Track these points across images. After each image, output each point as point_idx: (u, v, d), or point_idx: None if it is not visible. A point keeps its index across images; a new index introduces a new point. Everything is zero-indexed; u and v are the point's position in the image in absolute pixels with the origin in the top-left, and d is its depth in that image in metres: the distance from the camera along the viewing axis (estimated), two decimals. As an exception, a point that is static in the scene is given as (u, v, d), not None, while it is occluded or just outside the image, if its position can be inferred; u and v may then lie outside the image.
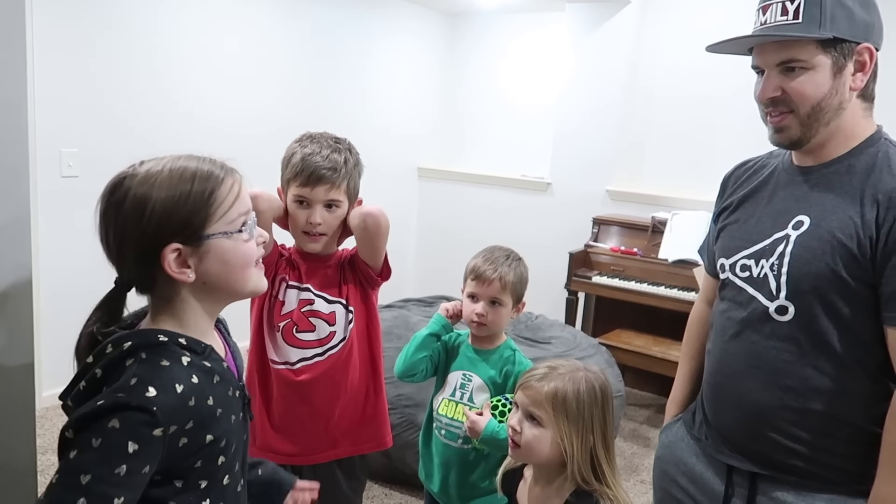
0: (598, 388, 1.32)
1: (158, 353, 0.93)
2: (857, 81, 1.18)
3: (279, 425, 1.66)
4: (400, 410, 2.64)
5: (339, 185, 1.59)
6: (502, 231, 4.64)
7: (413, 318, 3.02)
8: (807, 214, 1.21)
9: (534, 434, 1.29)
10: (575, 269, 3.89)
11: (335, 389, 1.65)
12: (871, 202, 1.14)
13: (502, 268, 1.68)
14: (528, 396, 1.31)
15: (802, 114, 1.18)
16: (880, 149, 1.19)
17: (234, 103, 3.83)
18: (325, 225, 1.60)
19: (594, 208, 4.22)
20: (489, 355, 1.72)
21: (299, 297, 1.64)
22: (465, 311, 1.72)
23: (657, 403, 3.88)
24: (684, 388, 1.53)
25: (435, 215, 5.05)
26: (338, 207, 1.61)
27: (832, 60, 1.15)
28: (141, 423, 0.86)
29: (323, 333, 1.64)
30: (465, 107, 5.02)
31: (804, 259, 1.18)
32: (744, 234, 1.31)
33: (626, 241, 3.94)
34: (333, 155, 1.58)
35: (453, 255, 4.98)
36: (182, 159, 0.98)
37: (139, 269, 0.96)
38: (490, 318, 1.68)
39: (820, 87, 1.16)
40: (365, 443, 1.73)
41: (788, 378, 1.20)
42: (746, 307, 1.27)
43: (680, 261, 3.64)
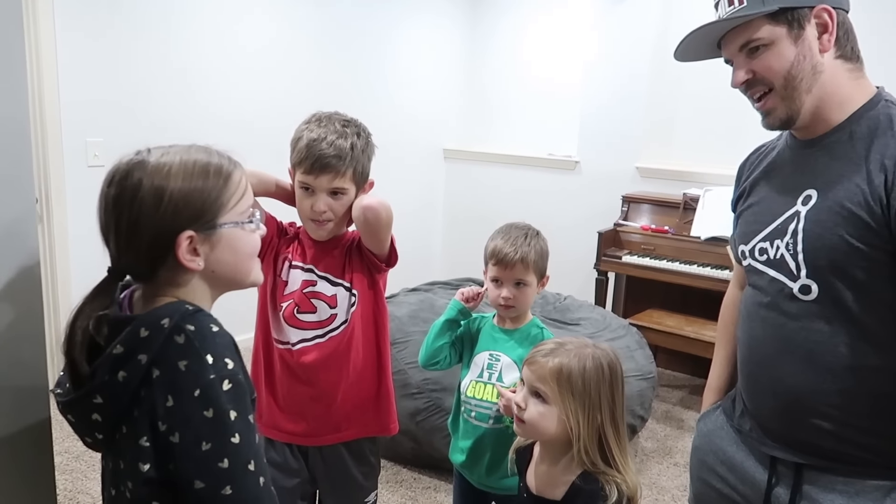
0: (606, 366, 1.27)
1: (200, 319, 0.93)
2: (824, 43, 1.15)
3: (284, 405, 1.65)
4: (427, 395, 2.61)
5: (345, 173, 1.54)
6: (530, 211, 4.56)
7: (439, 302, 2.99)
8: (813, 188, 1.16)
9: (538, 411, 1.26)
10: (604, 249, 3.82)
11: (337, 372, 1.63)
12: (878, 167, 1.09)
13: (523, 248, 1.65)
14: (533, 372, 1.28)
15: (778, 87, 1.16)
16: (881, 111, 1.14)
17: (258, 92, 3.82)
18: (330, 212, 1.57)
19: (623, 186, 4.12)
20: (516, 334, 1.69)
21: (302, 277, 1.62)
22: (491, 295, 1.69)
23: (690, 384, 3.81)
24: (721, 375, 1.48)
25: (461, 197, 4.99)
26: (343, 195, 1.57)
27: (787, 29, 1.14)
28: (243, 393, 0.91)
29: (324, 315, 1.61)
30: (490, 86, 4.93)
31: (816, 234, 1.14)
32: (757, 217, 1.27)
33: (657, 220, 3.85)
34: (339, 141, 1.53)
35: (480, 237, 4.85)
36: (193, 150, 0.99)
37: (148, 257, 0.95)
38: (517, 300, 1.65)
39: (784, 57, 1.15)
40: (369, 427, 1.71)
41: (822, 358, 1.14)
42: (770, 290, 1.22)
43: (713, 238, 3.54)
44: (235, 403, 0.89)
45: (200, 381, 0.88)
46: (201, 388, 0.87)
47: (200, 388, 0.87)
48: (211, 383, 0.88)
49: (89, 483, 2.60)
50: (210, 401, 0.87)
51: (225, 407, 0.87)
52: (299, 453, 1.67)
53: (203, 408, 0.87)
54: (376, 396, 1.70)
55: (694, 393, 3.70)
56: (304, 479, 1.68)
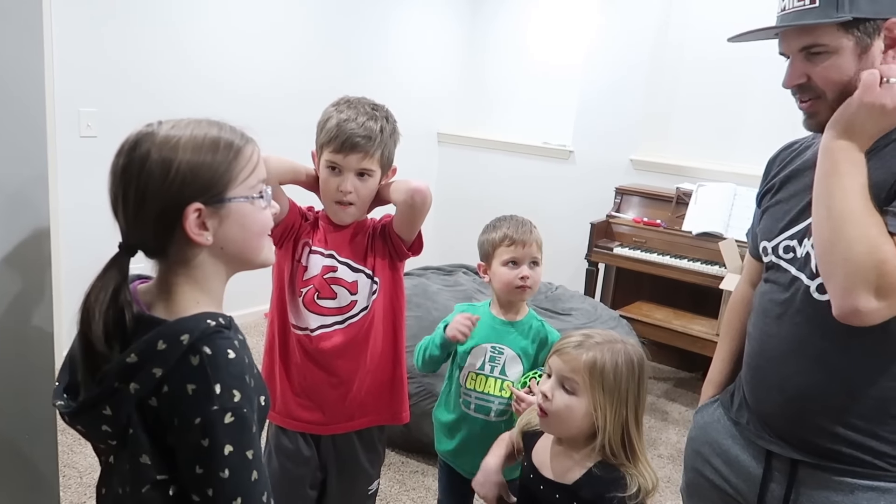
0: (637, 362, 1.28)
1: (218, 343, 0.91)
2: (888, 59, 1.12)
3: (300, 391, 1.65)
4: (418, 380, 2.62)
5: (374, 155, 1.55)
6: (523, 199, 4.57)
7: (432, 287, 2.99)
8: None
9: (566, 403, 1.26)
10: (596, 240, 3.83)
11: (355, 360, 1.63)
12: None
13: (530, 229, 1.71)
14: (566, 362, 1.27)
15: (831, 99, 1.13)
16: None
17: (253, 64, 3.77)
18: (355, 194, 1.57)
19: (617, 178, 4.13)
20: (518, 326, 1.70)
21: (323, 263, 1.62)
22: (505, 278, 1.68)
23: (675, 377, 3.85)
24: (722, 369, 1.49)
25: (454, 182, 4.98)
26: (370, 177, 1.58)
27: (855, 41, 1.10)
28: (245, 427, 0.90)
29: (344, 302, 1.61)
30: (488, 71, 4.90)
31: None
32: (785, 214, 1.26)
33: (650, 213, 3.87)
34: (369, 122, 1.54)
35: (473, 223, 4.85)
36: (203, 124, 0.97)
37: (156, 230, 0.93)
38: (534, 280, 1.68)
39: (844, 70, 1.11)
40: (382, 415, 1.72)
41: (834, 360, 1.15)
42: (789, 288, 1.22)
43: (704, 234, 3.57)
44: (233, 438, 0.88)
45: (203, 411, 0.87)
46: (202, 417, 0.87)
47: (202, 418, 0.87)
48: (213, 415, 0.87)
49: (75, 457, 2.58)
50: (208, 431, 0.87)
51: (221, 441, 0.87)
52: (312, 441, 1.67)
53: (201, 437, 0.87)
54: (391, 384, 1.71)
55: (679, 386, 3.75)
56: (315, 466, 1.68)
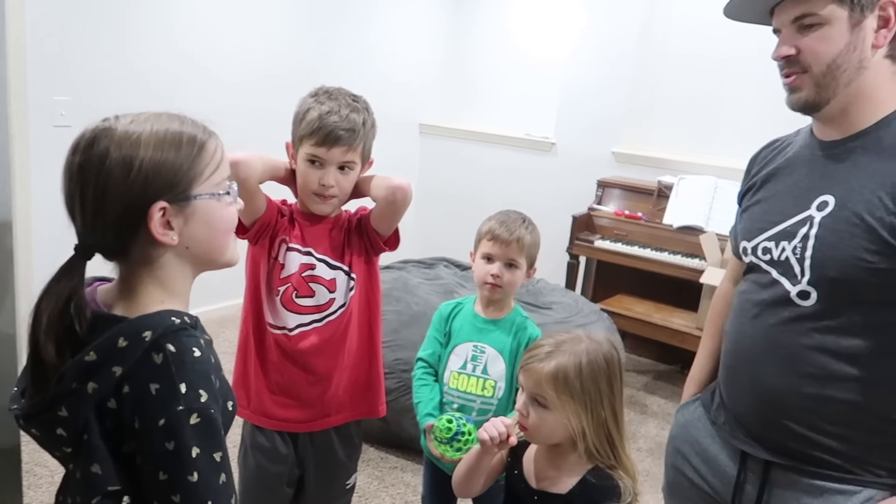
0: (603, 359, 1.26)
1: (183, 341, 0.87)
2: (880, 38, 1.10)
3: (277, 390, 1.63)
4: (398, 375, 2.61)
5: (356, 148, 1.53)
6: (505, 191, 4.57)
7: (413, 281, 2.97)
8: (831, 194, 1.14)
9: (540, 417, 1.24)
10: (577, 233, 3.83)
11: (333, 357, 1.62)
12: None
13: (519, 230, 1.66)
14: (531, 378, 1.25)
15: (817, 73, 1.11)
16: None
17: (231, 51, 3.70)
18: (337, 187, 1.54)
19: (599, 170, 4.13)
20: (500, 324, 1.68)
21: (301, 260, 1.59)
22: (479, 273, 1.68)
23: (655, 370, 3.87)
24: (704, 367, 1.49)
25: (436, 173, 4.95)
26: (351, 170, 1.55)
27: (849, 12, 1.08)
28: (212, 428, 0.86)
29: (322, 300, 1.59)
30: (471, 61, 4.87)
31: (829, 243, 1.12)
32: (765, 215, 1.25)
33: (631, 205, 3.87)
34: (352, 115, 1.51)
35: (454, 214, 4.91)
36: (164, 118, 0.93)
37: (117, 231, 0.89)
38: (505, 280, 1.65)
39: (834, 42, 1.09)
40: (359, 410, 1.71)
41: (807, 364, 1.15)
42: (768, 289, 1.21)
43: (685, 227, 3.58)
44: (201, 439, 0.84)
45: (167, 412, 0.83)
46: (167, 418, 0.82)
47: (166, 419, 0.82)
48: (178, 416, 0.83)
49: (46, 455, 2.53)
50: (173, 433, 0.82)
51: (188, 443, 0.83)
52: (289, 438, 1.65)
53: (165, 439, 0.83)
54: (368, 379, 1.69)
55: (658, 379, 3.77)
56: (292, 463, 1.66)
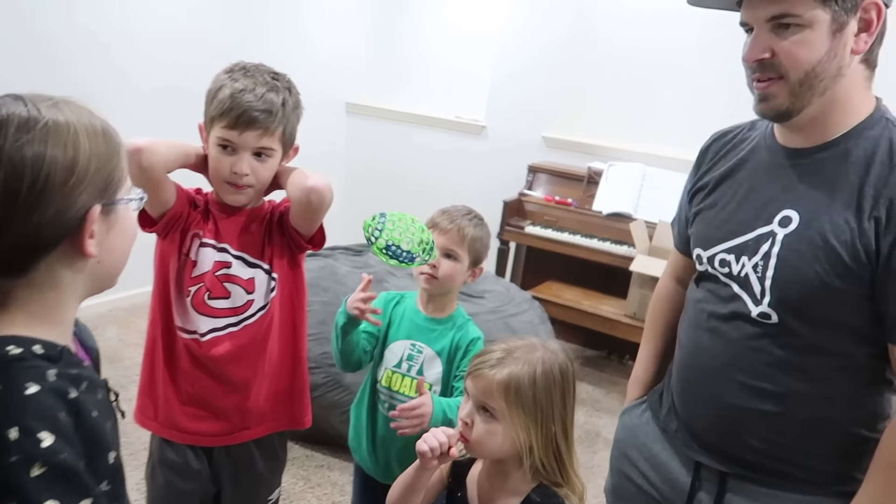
0: (558, 371, 1.17)
1: (17, 375, 0.70)
2: (860, 43, 1.02)
3: (188, 401, 1.46)
4: (325, 369, 2.47)
5: (274, 132, 1.36)
6: (435, 175, 4.46)
7: (341, 269, 2.83)
8: (795, 209, 1.07)
9: (486, 429, 1.14)
10: (508, 219, 3.77)
11: (252, 365, 1.46)
12: (872, 202, 1.00)
13: (461, 220, 1.55)
14: (479, 387, 1.14)
15: (793, 80, 1.02)
16: (882, 133, 1.04)
17: (134, 34, 3.38)
18: (253, 175, 1.37)
19: (529, 155, 4.07)
20: (442, 324, 1.57)
21: (215, 258, 1.42)
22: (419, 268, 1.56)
23: (582, 356, 3.88)
24: (648, 369, 1.43)
25: (363, 155, 4.78)
26: (269, 157, 1.38)
27: (832, 16, 0.99)
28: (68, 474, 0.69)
29: (239, 301, 1.43)
30: (401, 39, 4.68)
31: (792, 264, 1.05)
32: (722, 223, 1.17)
33: (561, 191, 3.84)
34: (269, 94, 1.35)
35: (383, 198, 4.71)
36: (75, 107, 0.77)
37: (35, 241, 0.73)
38: (443, 272, 1.52)
39: (815, 48, 1.00)
40: (282, 421, 1.56)
41: (768, 382, 1.10)
42: (727, 303, 1.15)
43: (614, 213, 3.59)
44: (55, 493, 0.67)
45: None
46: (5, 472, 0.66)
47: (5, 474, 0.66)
48: (9, 469, 0.66)
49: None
50: (12, 490, 0.66)
51: (34, 497, 0.66)
52: (202, 452, 1.49)
53: (3, 498, 0.66)
54: (290, 388, 1.54)
55: (586, 365, 3.77)
56: (206, 479, 1.50)
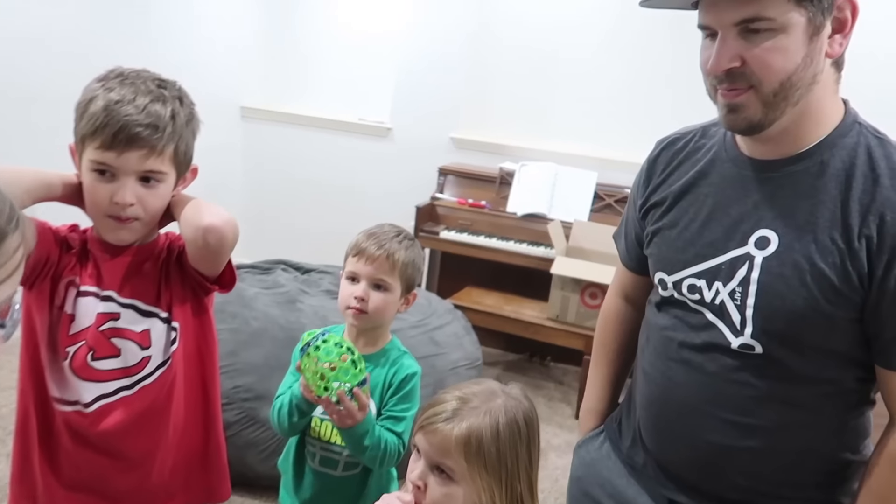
0: (522, 420, 1.03)
1: None
2: (834, 46, 0.93)
3: (72, 485, 1.21)
4: (238, 405, 2.24)
5: (163, 151, 1.12)
6: (341, 180, 4.26)
7: (249, 291, 2.59)
8: (772, 229, 0.98)
9: (443, 492, 0.98)
10: (421, 224, 3.63)
11: (153, 434, 1.23)
12: (860, 219, 0.92)
13: (391, 243, 1.38)
14: (433, 444, 0.98)
15: (767, 91, 0.92)
16: (857, 141, 0.96)
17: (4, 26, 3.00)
18: (139, 206, 1.13)
19: (439, 157, 3.95)
20: (375, 360, 1.41)
21: (98, 309, 1.17)
22: (342, 295, 1.40)
23: (504, 360, 3.81)
24: (602, 397, 1.33)
25: (263, 162, 4.47)
26: (159, 182, 1.15)
27: (807, 18, 0.89)
28: None
29: (132, 360, 1.19)
30: (298, 38, 4.39)
31: (777, 292, 0.96)
32: (687, 245, 1.07)
33: (474, 193, 3.75)
34: (155, 106, 1.11)
35: (286, 209, 4.48)
36: None
37: None
38: (373, 305, 1.37)
39: (791, 55, 0.90)
40: (194, 493, 1.34)
41: (754, 417, 1.02)
42: (700, 332, 1.05)
43: (529, 214, 3.54)
44: None
45: None
46: None
47: None
48: None
49: None
50: None
51: None
52: None
53: None
54: (203, 455, 1.32)
55: (509, 370, 3.70)
56: None
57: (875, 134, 0.97)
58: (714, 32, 0.94)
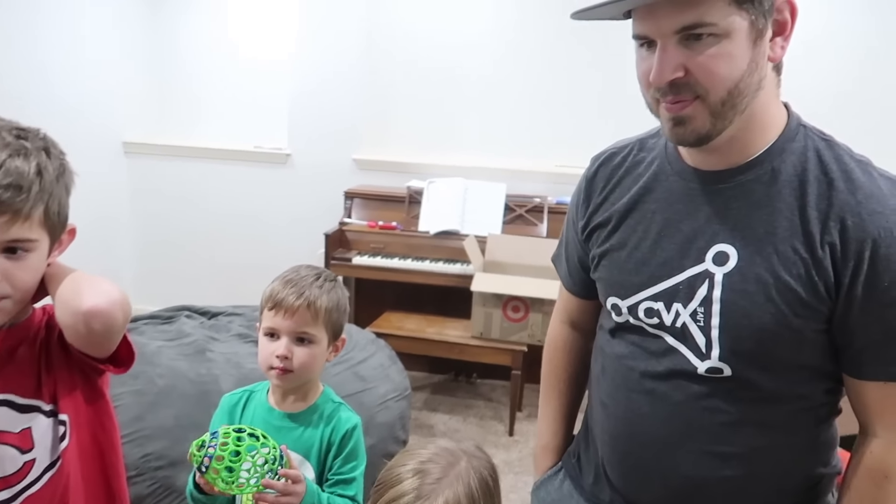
0: (489, 477, 0.95)
1: None
2: (776, 49, 0.89)
3: None
4: (150, 475, 2.01)
5: (30, 215, 0.94)
6: (241, 214, 4.05)
7: (151, 346, 2.35)
8: (730, 243, 0.92)
9: None
10: (332, 251, 3.49)
11: None
12: (820, 226, 0.88)
13: (311, 289, 1.25)
14: None
15: (714, 100, 0.86)
16: (807, 144, 0.93)
17: None
18: (6, 282, 0.94)
19: (343, 180, 3.82)
20: (306, 418, 1.26)
21: None
22: (262, 354, 1.26)
23: (430, 382, 3.71)
24: (557, 432, 1.25)
25: (153, 199, 4.16)
26: (29, 252, 0.95)
27: (749, 22, 0.85)
28: None
29: (11, 467, 0.99)
30: (183, 67, 4.12)
31: (742, 310, 0.91)
32: (639, 266, 1.00)
33: (384, 215, 3.65)
34: (15, 162, 0.92)
35: (184, 249, 4.19)
36: None
37: None
38: (298, 361, 1.23)
39: (737, 61, 0.85)
40: None
41: (728, 444, 0.96)
42: (662, 359, 0.98)
43: (442, 232, 3.48)
44: None
45: None
46: None
47: None
48: None
49: None
50: None
51: None
52: None
53: None
54: None
55: (437, 392, 3.60)
56: None
57: (821, 136, 0.94)
58: (652, 42, 0.88)
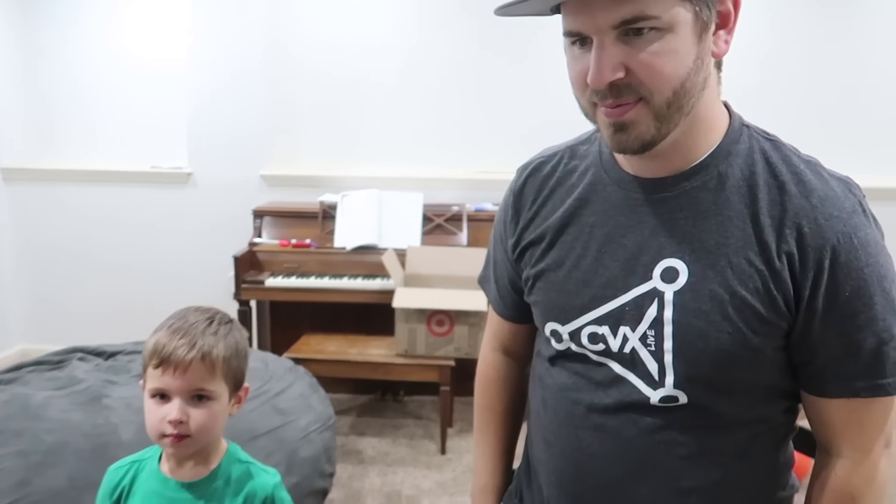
0: None
1: None
2: (720, 44, 0.81)
3: None
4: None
5: None
6: (138, 240, 3.77)
7: (36, 397, 2.08)
8: (678, 258, 0.84)
9: None
10: (243, 274, 3.27)
11: None
12: (775, 235, 0.80)
13: (205, 338, 1.08)
14: None
15: (659, 102, 0.78)
16: (752, 146, 0.85)
17: None
18: None
19: (251, 198, 3.62)
20: (207, 487, 1.10)
21: None
22: (150, 420, 1.08)
23: (356, 404, 3.55)
24: (496, 469, 1.14)
25: (36, 231, 3.81)
26: None
27: (694, 14, 0.76)
28: None
29: None
30: (63, 75, 3.79)
31: (697, 330, 0.82)
32: (580, 286, 0.90)
33: (297, 233, 3.46)
34: None
35: (73, 283, 3.84)
36: None
37: None
38: (196, 424, 1.06)
39: (682, 57, 0.77)
40: None
41: (687, 479, 0.87)
42: (610, 390, 0.89)
43: (359, 247, 3.33)
44: None
45: None
46: None
47: None
48: None
49: None
50: None
51: None
52: None
53: None
54: None
55: (363, 415, 3.44)
56: None
57: (765, 136, 0.87)
58: (586, 39, 0.78)
